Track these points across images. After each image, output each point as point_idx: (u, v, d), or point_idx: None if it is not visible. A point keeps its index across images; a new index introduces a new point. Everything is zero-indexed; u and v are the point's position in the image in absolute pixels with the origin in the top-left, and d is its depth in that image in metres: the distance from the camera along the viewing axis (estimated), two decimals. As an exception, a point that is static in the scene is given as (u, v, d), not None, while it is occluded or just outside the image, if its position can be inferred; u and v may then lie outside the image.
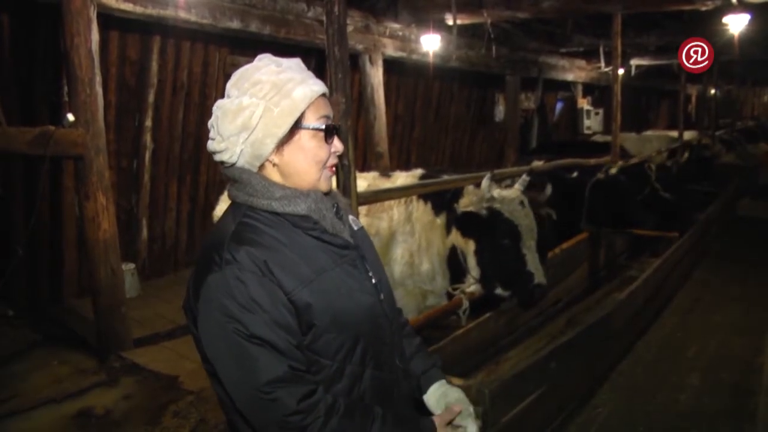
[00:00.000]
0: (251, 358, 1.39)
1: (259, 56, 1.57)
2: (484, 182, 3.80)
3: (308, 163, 1.53)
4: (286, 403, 1.38)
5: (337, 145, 1.57)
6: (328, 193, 1.61)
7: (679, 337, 5.24)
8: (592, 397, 4.11)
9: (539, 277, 3.68)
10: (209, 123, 1.54)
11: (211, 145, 1.52)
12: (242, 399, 1.43)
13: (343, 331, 1.50)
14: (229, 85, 1.53)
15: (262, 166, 1.53)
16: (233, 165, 1.53)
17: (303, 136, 1.51)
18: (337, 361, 1.50)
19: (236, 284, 1.40)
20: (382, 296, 1.64)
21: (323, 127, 1.53)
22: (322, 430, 1.40)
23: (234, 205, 1.56)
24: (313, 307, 1.45)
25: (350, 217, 1.71)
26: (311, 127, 1.51)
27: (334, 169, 1.61)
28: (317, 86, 1.53)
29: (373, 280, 1.63)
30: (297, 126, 1.50)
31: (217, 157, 1.53)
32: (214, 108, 1.53)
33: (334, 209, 1.62)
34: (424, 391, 1.76)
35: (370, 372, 1.56)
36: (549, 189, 4.80)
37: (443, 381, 1.79)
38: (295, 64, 1.56)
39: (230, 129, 1.47)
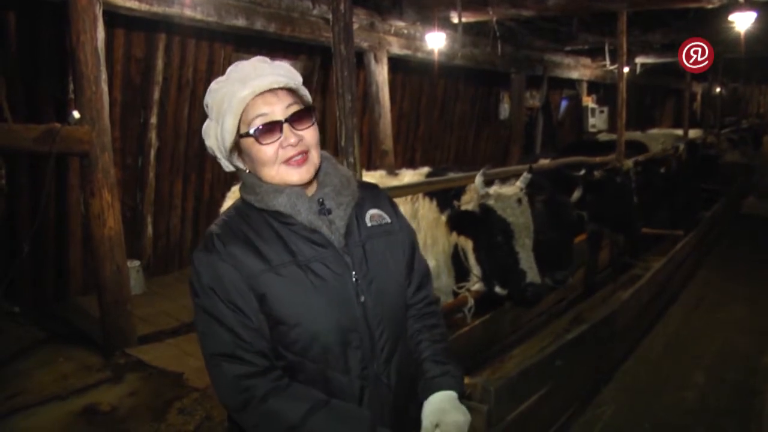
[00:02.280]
0: (206, 329, 1.55)
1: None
2: (477, 179, 3.79)
3: (258, 166, 1.58)
4: (227, 375, 1.51)
5: (288, 137, 1.54)
6: (308, 185, 1.62)
7: (684, 335, 5.24)
8: (597, 395, 4.12)
9: (532, 276, 3.62)
10: None
11: None
12: (204, 358, 1.57)
13: (298, 326, 1.54)
14: None
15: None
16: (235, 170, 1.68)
17: (244, 144, 1.57)
18: (292, 353, 1.56)
19: (199, 263, 1.55)
20: (362, 298, 1.60)
21: (250, 131, 1.54)
22: (258, 408, 1.49)
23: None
24: (267, 298, 1.53)
25: (369, 213, 1.71)
26: (243, 134, 1.55)
27: (299, 158, 1.56)
28: (245, 90, 1.52)
29: (355, 280, 1.60)
30: (239, 135, 1.56)
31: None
32: None
33: (318, 205, 1.61)
34: (425, 397, 1.70)
35: (332, 373, 1.57)
36: (578, 191, 4.76)
37: (450, 393, 1.70)
38: (241, 68, 1.57)
39: (209, 146, 1.64)
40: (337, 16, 2.95)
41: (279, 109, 1.53)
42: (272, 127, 1.53)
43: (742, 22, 7.57)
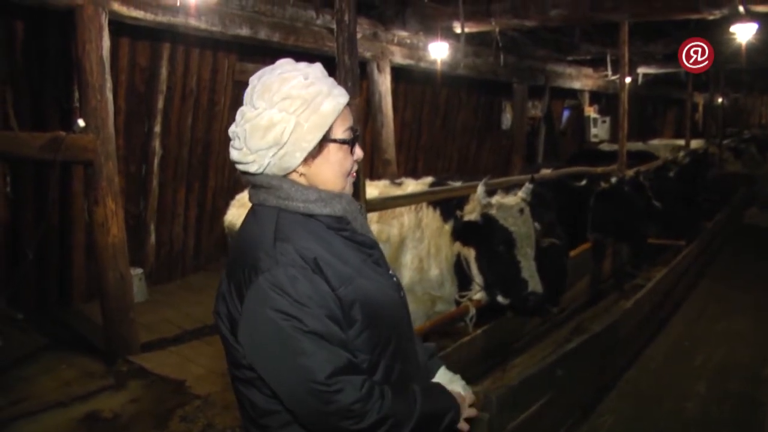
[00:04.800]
0: (310, 353, 1.41)
1: (281, 62, 1.57)
2: (479, 189, 3.81)
3: (334, 174, 1.57)
4: (350, 392, 1.42)
5: (358, 152, 1.62)
6: None
7: (686, 345, 5.23)
8: (599, 405, 4.11)
9: (534, 285, 3.64)
10: (231, 132, 1.55)
11: (237, 156, 1.53)
12: (300, 397, 1.44)
13: (380, 327, 1.55)
14: (253, 95, 1.52)
15: (287, 174, 1.56)
16: (261, 173, 1.54)
17: (331, 149, 1.55)
18: (374, 355, 1.54)
19: (290, 281, 1.42)
20: (402, 293, 1.70)
21: (349, 139, 1.57)
22: (380, 412, 1.45)
23: (260, 209, 1.57)
24: (357, 304, 1.49)
25: None
26: (339, 140, 1.55)
27: (354, 174, 1.64)
28: (342, 97, 1.55)
29: (394, 278, 1.68)
30: (325, 139, 1.53)
31: (242, 168, 1.55)
32: (239, 118, 1.53)
33: (360, 210, 1.67)
34: (432, 376, 1.83)
35: (399, 366, 1.60)
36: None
37: (444, 367, 1.87)
38: (320, 72, 1.57)
39: (260, 144, 1.48)
40: (341, 27, 2.98)
41: (355, 121, 1.62)
42: (357, 141, 1.60)
43: (744, 33, 7.60)
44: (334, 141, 1.54)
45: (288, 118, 1.48)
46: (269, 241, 1.48)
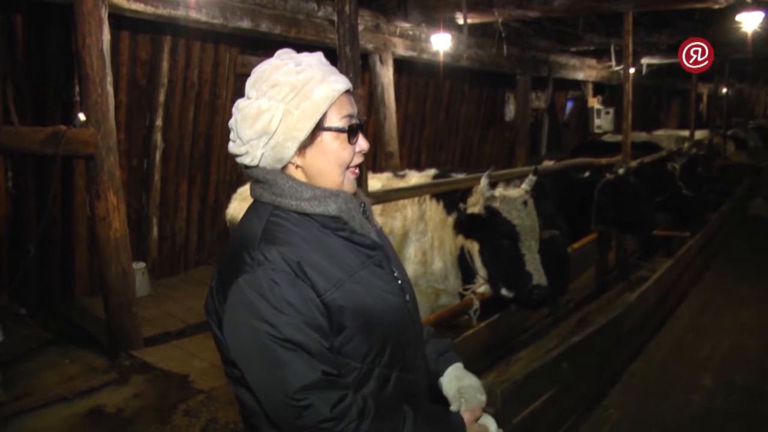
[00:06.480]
0: (283, 363, 1.34)
1: (279, 52, 1.51)
2: (483, 181, 3.78)
3: (331, 165, 1.48)
4: (320, 409, 1.34)
5: (362, 143, 1.51)
6: (354, 193, 1.56)
7: (691, 337, 5.22)
8: (604, 398, 4.10)
9: (538, 278, 3.60)
10: (230, 124, 1.50)
11: (232, 148, 1.49)
12: (273, 405, 1.39)
13: (373, 333, 1.46)
14: (248, 84, 1.48)
15: (285, 167, 1.49)
16: (256, 166, 1.49)
17: (325, 138, 1.46)
18: (366, 363, 1.46)
19: (269, 285, 1.36)
20: (407, 297, 1.60)
21: (346, 127, 1.47)
22: (360, 430, 1.36)
23: (258, 205, 1.52)
24: (346, 310, 1.41)
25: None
26: (333, 128, 1.46)
27: (357, 171, 1.53)
28: (339, 84, 1.46)
29: (399, 281, 1.58)
30: (319, 128, 1.44)
31: (238, 160, 1.49)
32: (234, 109, 1.48)
33: (362, 209, 1.57)
34: (441, 373, 1.73)
35: (396, 374, 1.52)
36: None
37: (459, 364, 1.75)
38: (316, 60, 1.49)
39: (250, 133, 1.43)
40: (343, 18, 2.95)
41: (356, 113, 1.51)
42: (358, 130, 1.50)
43: (750, 22, 7.54)
44: (329, 129, 1.45)
45: (276, 106, 1.41)
46: (255, 242, 1.41)
